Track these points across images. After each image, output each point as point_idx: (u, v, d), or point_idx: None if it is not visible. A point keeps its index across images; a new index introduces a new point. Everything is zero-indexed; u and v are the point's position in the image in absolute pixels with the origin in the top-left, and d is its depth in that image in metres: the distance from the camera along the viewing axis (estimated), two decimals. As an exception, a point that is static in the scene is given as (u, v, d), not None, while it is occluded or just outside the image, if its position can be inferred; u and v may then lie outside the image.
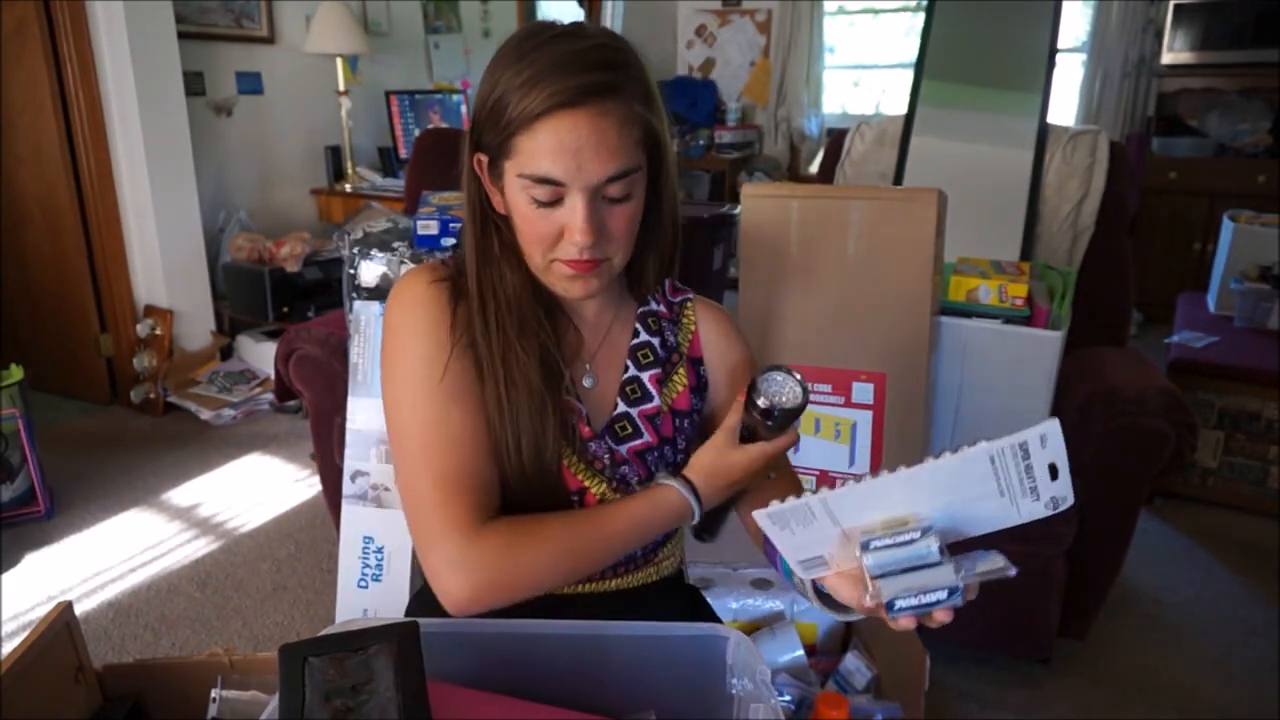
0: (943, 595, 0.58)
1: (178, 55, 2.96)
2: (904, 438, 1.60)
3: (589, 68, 0.71)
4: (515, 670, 0.71)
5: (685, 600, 0.99)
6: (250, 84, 3.55)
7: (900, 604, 0.58)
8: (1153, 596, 2.07)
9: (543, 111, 0.71)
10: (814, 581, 0.70)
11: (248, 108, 3.54)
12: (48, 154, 2.94)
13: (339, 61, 3.61)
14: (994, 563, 0.60)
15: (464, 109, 4.32)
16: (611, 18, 4.76)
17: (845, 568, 0.65)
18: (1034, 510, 0.60)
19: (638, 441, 0.87)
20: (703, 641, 0.70)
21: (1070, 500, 0.60)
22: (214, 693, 0.97)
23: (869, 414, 1.61)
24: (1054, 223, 2.01)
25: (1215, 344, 2.61)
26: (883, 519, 0.60)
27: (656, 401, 0.88)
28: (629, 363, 0.89)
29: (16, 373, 2.32)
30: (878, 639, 1.42)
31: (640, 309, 0.92)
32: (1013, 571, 0.60)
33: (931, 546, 0.58)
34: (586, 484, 0.84)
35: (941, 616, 0.61)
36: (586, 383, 0.88)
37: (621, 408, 0.87)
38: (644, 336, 0.91)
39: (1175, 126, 4.32)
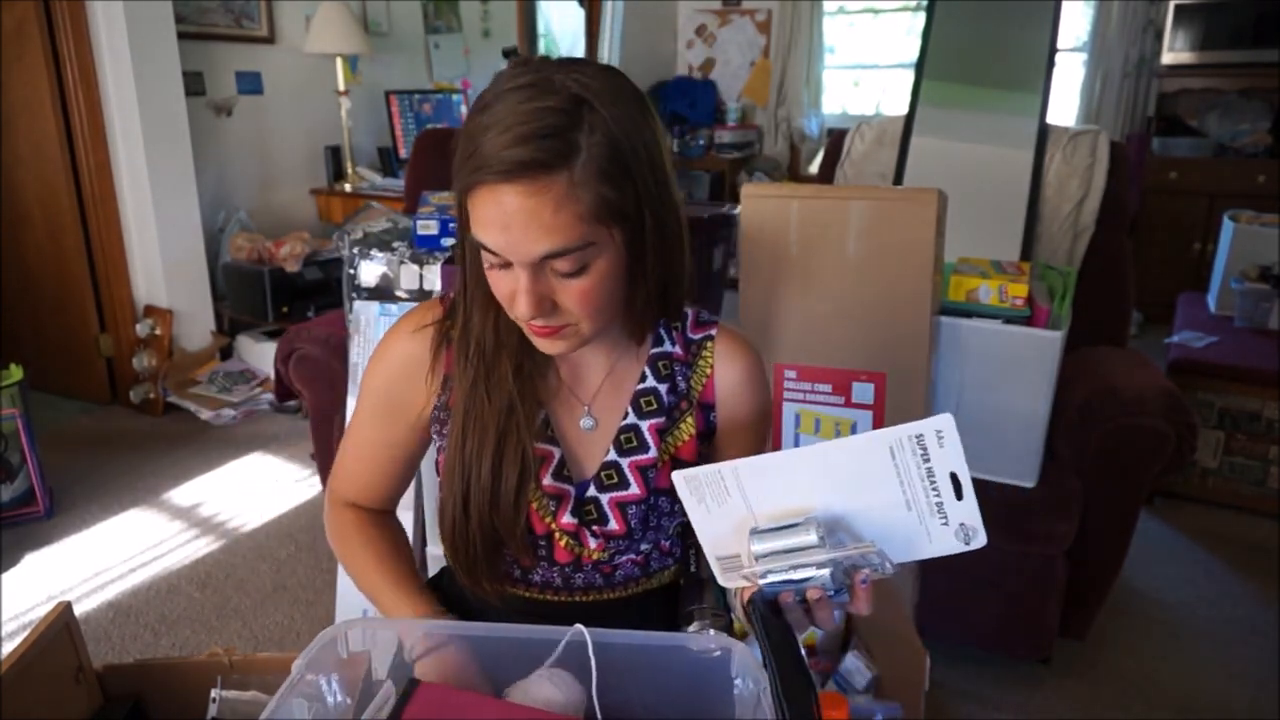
0: (812, 571, 0.60)
1: (178, 55, 2.96)
2: (904, 438, 1.59)
3: (525, 138, 0.65)
4: (514, 674, 0.71)
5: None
6: (250, 84, 3.55)
7: (772, 578, 0.61)
8: (1153, 596, 2.07)
9: (476, 182, 0.68)
10: (742, 606, 0.72)
11: (248, 108, 3.54)
12: (48, 154, 2.94)
13: (339, 61, 3.60)
14: (869, 549, 0.61)
15: (464, 109, 4.32)
16: (611, 17, 4.75)
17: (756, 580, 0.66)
18: (944, 538, 0.61)
19: (623, 492, 0.84)
20: (706, 651, 0.69)
21: (981, 534, 0.61)
22: (214, 693, 0.96)
23: (869, 414, 1.61)
24: (1054, 223, 2.01)
25: (1215, 344, 2.61)
26: (782, 512, 0.63)
27: (653, 453, 0.85)
28: (629, 409, 0.85)
29: (16, 373, 2.32)
30: (878, 639, 1.42)
31: (653, 349, 0.87)
32: (890, 568, 0.61)
33: (811, 533, 0.61)
34: (553, 529, 0.84)
35: (819, 608, 0.62)
36: (585, 424, 0.85)
37: (612, 455, 0.85)
38: (650, 382, 0.86)
39: (1175, 126, 4.32)
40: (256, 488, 2.56)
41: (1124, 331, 1.99)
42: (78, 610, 1.48)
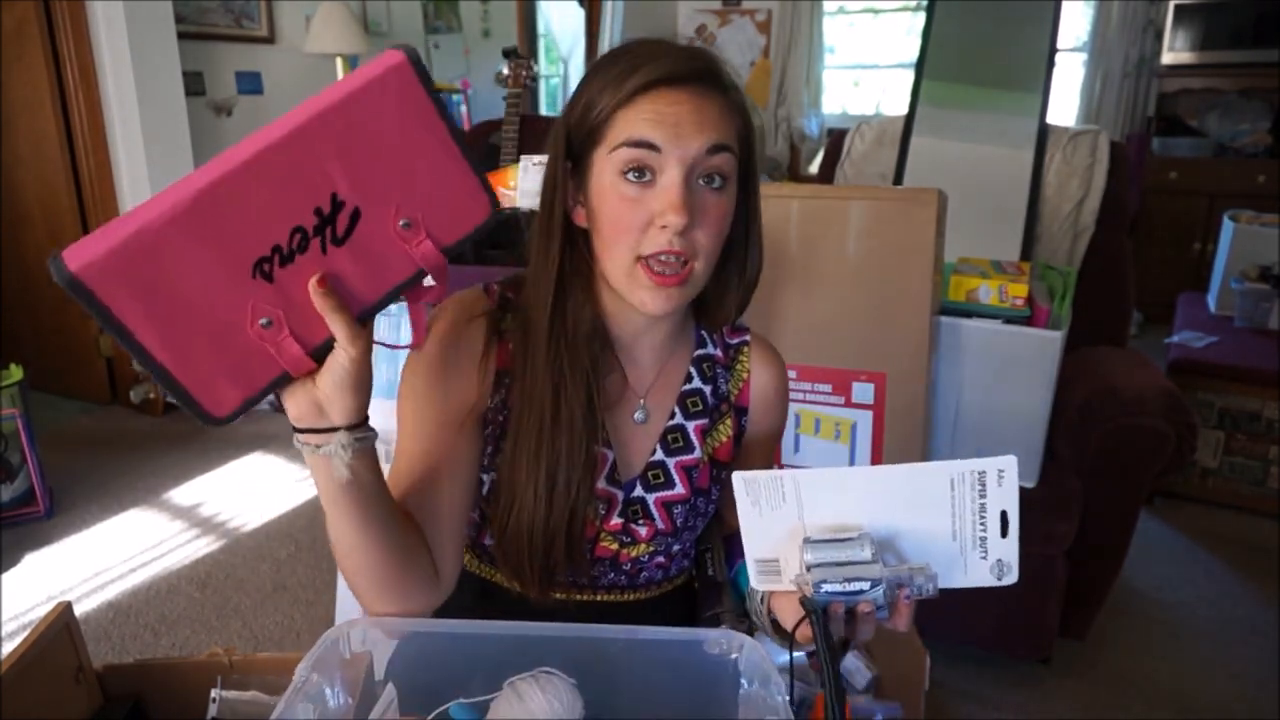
0: (865, 586, 0.62)
1: (178, 55, 2.95)
2: (904, 438, 1.60)
3: (696, 55, 0.73)
4: (518, 673, 0.71)
5: (692, 599, 0.99)
6: (250, 84, 3.55)
7: (826, 588, 0.62)
8: (1153, 596, 2.07)
9: (644, 85, 0.70)
10: (769, 611, 0.74)
11: (248, 108, 3.54)
12: (48, 154, 2.94)
13: (339, 61, 3.61)
14: (920, 570, 0.63)
15: (464, 108, 4.32)
16: (611, 17, 4.76)
17: (792, 587, 0.66)
18: (979, 571, 0.64)
19: (669, 492, 0.85)
20: (725, 651, 0.69)
21: (1014, 572, 0.63)
22: (214, 693, 0.96)
23: (869, 414, 1.61)
24: (1054, 223, 2.01)
25: (1215, 344, 2.61)
26: (833, 525, 0.64)
27: (697, 453, 0.86)
28: (676, 409, 0.86)
29: (16, 373, 2.32)
30: (878, 639, 1.42)
31: (697, 351, 0.88)
32: (933, 591, 0.63)
33: (866, 548, 0.62)
34: (600, 531, 0.83)
35: (864, 621, 0.63)
36: (638, 416, 0.84)
37: (659, 455, 0.85)
38: (696, 383, 0.87)
39: (1175, 126, 4.32)
40: (256, 488, 2.56)
41: (1124, 331, 1.99)
42: (78, 610, 1.48)
